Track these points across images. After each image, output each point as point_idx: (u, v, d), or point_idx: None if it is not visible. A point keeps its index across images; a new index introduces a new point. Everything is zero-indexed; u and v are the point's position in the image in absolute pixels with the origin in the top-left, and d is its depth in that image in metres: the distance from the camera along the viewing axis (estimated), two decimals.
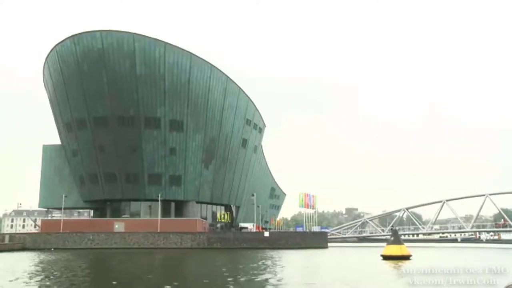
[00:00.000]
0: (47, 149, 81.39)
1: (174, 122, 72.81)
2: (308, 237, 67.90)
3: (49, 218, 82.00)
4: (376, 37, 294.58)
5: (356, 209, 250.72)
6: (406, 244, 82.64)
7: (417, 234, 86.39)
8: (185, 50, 71.59)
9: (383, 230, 79.90)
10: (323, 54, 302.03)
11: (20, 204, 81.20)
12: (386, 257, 34.94)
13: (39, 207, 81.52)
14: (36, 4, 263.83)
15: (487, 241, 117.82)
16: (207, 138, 77.20)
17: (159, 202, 69.66)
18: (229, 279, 23.20)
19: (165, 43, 69.87)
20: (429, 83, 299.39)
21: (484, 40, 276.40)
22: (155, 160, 72.93)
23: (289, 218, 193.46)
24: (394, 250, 35.22)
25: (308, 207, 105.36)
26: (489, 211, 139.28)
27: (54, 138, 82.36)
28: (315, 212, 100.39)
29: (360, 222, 79.13)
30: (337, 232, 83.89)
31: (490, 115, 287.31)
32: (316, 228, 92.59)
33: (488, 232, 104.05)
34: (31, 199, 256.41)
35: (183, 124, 73.48)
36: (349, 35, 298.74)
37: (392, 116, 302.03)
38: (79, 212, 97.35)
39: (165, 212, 75.34)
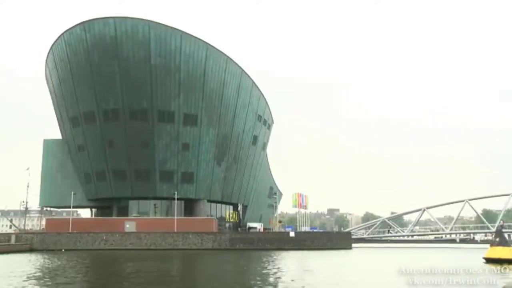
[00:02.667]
0: (48, 143, 76.48)
1: (188, 116, 69.15)
2: (334, 238, 65.00)
3: (54, 216, 77.24)
4: (377, 37, 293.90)
5: (338, 210, 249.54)
6: (403, 245, 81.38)
7: (405, 236, 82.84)
8: (201, 40, 68.01)
9: (403, 231, 77.80)
10: (318, 56, 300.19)
11: (23, 201, 75.99)
12: (490, 260, 31.78)
13: (39, 205, 76.59)
14: (35, 4, 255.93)
15: (482, 242, 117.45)
16: (220, 134, 73.76)
17: (176, 201, 66.29)
18: None
19: (182, 32, 66.15)
20: (427, 83, 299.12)
21: (483, 41, 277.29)
22: (167, 156, 69.16)
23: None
24: (502, 252, 31.93)
25: (301, 207, 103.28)
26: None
27: (47, 135, 77.86)
28: (298, 212, 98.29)
29: (379, 222, 76.92)
30: (353, 232, 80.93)
31: (490, 115, 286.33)
32: (305, 228, 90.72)
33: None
34: (20, 198, 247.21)
35: (197, 118, 69.87)
36: (350, 34, 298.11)
37: (382, 118, 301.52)
38: (77, 212, 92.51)
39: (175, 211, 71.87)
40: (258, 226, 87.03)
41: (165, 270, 33.04)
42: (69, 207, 78.18)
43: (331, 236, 66.83)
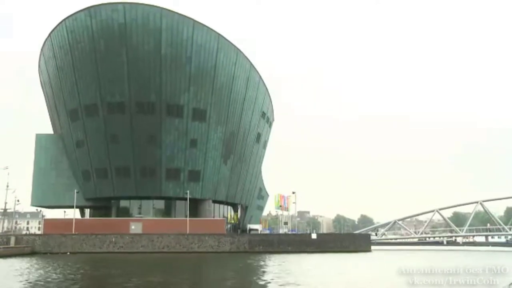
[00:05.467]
0: (41, 138, 70.68)
1: (197, 111, 65.23)
2: (356, 240, 62.37)
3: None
4: (369, 37, 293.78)
5: (308, 212, 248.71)
6: (391, 247, 79.64)
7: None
8: (213, 30, 64.24)
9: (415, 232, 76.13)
10: (309, 53, 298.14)
11: (18, 201, 70.38)
12: None
13: (31, 205, 71.03)
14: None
15: (464, 244, 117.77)
16: (227, 131, 70.14)
17: (188, 201, 62.49)
18: None
19: (194, 22, 62.22)
20: (422, 83, 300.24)
21: (482, 42, 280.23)
22: (174, 153, 65.03)
23: None
24: None
25: (283, 209, 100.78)
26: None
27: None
28: (268, 213, 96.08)
29: (390, 224, 74.78)
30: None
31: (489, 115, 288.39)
32: (285, 231, 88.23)
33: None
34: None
35: (206, 113, 66.05)
36: (347, 34, 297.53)
37: (363, 117, 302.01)
38: (65, 212, 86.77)
39: (179, 212, 67.96)
40: (259, 227, 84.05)
41: None
42: (63, 207, 73.83)
43: (354, 238, 64.07)
